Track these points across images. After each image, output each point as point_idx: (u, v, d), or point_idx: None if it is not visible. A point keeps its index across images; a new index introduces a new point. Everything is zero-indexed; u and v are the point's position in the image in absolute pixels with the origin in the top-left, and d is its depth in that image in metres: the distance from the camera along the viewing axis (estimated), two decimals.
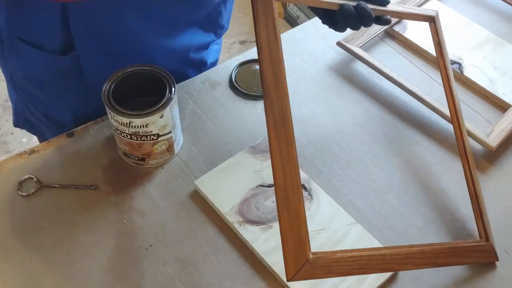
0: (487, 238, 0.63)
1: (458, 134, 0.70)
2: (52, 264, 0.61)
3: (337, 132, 0.76)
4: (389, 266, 0.57)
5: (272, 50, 0.55)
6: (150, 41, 0.73)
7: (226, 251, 0.63)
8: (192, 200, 0.67)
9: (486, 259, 0.63)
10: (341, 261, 0.54)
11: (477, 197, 0.66)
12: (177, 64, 0.80)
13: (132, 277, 0.60)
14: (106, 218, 0.65)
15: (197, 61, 0.83)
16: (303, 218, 0.52)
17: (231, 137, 0.74)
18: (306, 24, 0.91)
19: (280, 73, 0.55)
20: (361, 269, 0.55)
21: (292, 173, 0.53)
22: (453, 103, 0.71)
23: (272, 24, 0.55)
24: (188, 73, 0.83)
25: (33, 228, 0.63)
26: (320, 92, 0.81)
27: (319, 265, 0.53)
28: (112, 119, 0.64)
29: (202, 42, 0.81)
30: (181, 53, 0.79)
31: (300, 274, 0.51)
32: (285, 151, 0.53)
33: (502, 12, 0.96)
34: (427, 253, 0.59)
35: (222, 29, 0.84)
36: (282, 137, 0.54)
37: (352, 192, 0.69)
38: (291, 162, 0.53)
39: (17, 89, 0.81)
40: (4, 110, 1.90)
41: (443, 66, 0.73)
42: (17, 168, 0.69)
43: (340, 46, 0.84)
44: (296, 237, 0.51)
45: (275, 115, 0.54)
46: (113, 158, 0.70)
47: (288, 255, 0.51)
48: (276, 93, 0.54)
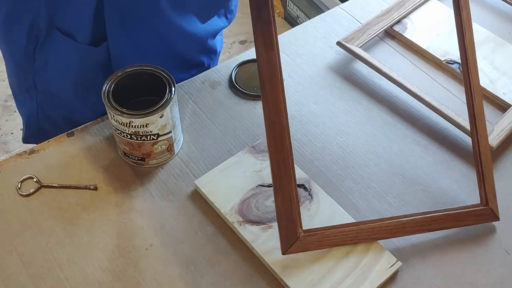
0: (487, 202, 0.63)
1: (467, 82, 0.67)
2: (52, 264, 0.61)
3: (337, 132, 0.76)
4: (379, 236, 0.62)
5: (266, 39, 0.57)
6: (176, 24, 0.75)
7: (226, 251, 0.63)
8: (192, 200, 0.67)
9: (485, 220, 0.63)
10: (331, 236, 0.61)
11: (481, 160, 0.66)
12: (195, 50, 0.82)
13: (132, 277, 0.60)
14: (106, 218, 0.65)
15: (210, 48, 0.85)
16: (295, 203, 0.60)
17: (231, 137, 0.74)
18: (306, 24, 0.91)
19: (274, 65, 0.57)
20: (352, 240, 0.62)
21: (285, 161, 0.59)
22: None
23: (268, 19, 0.57)
24: (203, 60, 0.86)
25: (33, 228, 0.63)
26: (320, 92, 0.81)
27: (310, 241, 0.60)
28: (112, 119, 0.64)
29: (216, 28, 0.83)
30: (200, 39, 0.81)
31: (292, 249, 0.60)
32: (279, 140, 0.59)
33: (502, 12, 0.96)
34: (418, 222, 0.61)
35: (231, 14, 0.86)
36: (276, 127, 0.58)
37: (352, 192, 0.69)
38: (284, 151, 0.59)
39: (37, 95, 0.82)
40: (4, 110, 1.90)
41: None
42: (17, 168, 0.69)
43: (340, 46, 0.84)
44: (288, 218, 0.60)
45: (270, 107, 0.58)
46: (113, 158, 0.71)
47: (282, 233, 0.60)
48: (270, 85, 0.58)
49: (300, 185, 0.67)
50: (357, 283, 0.59)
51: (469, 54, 0.66)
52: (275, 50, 0.57)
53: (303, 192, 0.67)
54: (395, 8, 0.90)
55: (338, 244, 0.61)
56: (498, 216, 0.64)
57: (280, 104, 0.58)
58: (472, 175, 0.72)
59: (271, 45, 0.57)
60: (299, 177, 0.68)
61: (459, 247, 0.65)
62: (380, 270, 0.61)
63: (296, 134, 0.75)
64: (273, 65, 0.57)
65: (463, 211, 0.63)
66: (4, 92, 1.97)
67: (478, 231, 0.66)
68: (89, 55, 0.74)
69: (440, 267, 0.63)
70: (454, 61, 0.85)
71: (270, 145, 0.58)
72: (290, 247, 0.60)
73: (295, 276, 0.60)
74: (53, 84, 0.79)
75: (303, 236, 0.60)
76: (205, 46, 0.83)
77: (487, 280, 0.62)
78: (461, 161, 0.73)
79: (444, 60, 0.85)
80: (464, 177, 0.72)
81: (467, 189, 0.70)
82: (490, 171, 0.66)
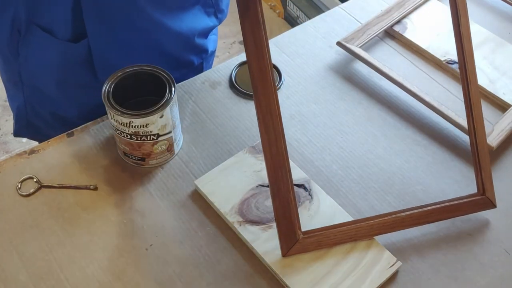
0: (484, 191, 0.64)
1: (463, 74, 0.67)
2: (52, 264, 0.61)
3: (337, 132, 0.76)
4: (378, 231, 0.63)
5: (256, 42, 0.56)
6: (158, 22, 0.74)
7: (226, 251, 0.63)
8: (192, 200, 0.67)
9: (482, 209, 0.64)
10: (330, 236, 0.62)
11: (478, 150, 0.66)
12: (182, 49, 0.82)
13: (132, 277, 0.60)
14: (106, 218, 0.65)
15: (200, 47, 0.85)
16: (293, 206, 0.60)
17: (231, 137, 0.74)
18: (306, 24, 0.91)
19: (265, 68, 0.57)
20: (351, 238, 0.62)
21: (282, 165, 0.59)
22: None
23: (256, 19, 0.56)
24: (192, 59, 0.85)
25: (33, 228, 0.63)
26: (320, 92, 0.81)
27: (309, 242, 0.61)
28: (112, 119, 0.64)
29: (205, 27, 0.83)
30: (186, 37, 0.80)
31: (292, 251, 0.61)
32: (274, 145, 0.59)
33: (502, 12, 0.96)
34: (415, 216, 0.61)
35: (222, 13, 0.85)
36: (271, 131, 0.58)
37: (352, 192, 0.69)
38: (279, 155, 0.59)
39: (24, 89, 0.81)
40: (4, 110, 1.90)
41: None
42: (17, 168, 0.69)
43: (340, 46, 0.84)
44: (287, 222, 0.60)
45: (263, 111, 0.58)
46: (113, 158, 0.71)
47: (281, 236, 0.60)
48: (263, 90, 0.57)
49: (300, 185, 0.67)
50: (357, 283, 0.59)
51: (463, 30, 0.67)
52: (265, 50, 0.56)
53: (303, 192, 0.67)
54: (395, 8, 0.90)
55: (337, 243, 0.62)
56: (495, 204, 0.64)
57: (273, 107, 0.58)
58: (472, 175, 0.72)
59: (260, 43, 0.56)
60: (299, 177, 0.68)
61: (459, 247, 0.65)
62: (380, 270, 0.61)
63: (296, 134, 0.75)
64: (264, 66, 0.57)
65: (460, 202, 0.64)
66: (4, 92, 1.97)
67: (478, 231, 0.66)
68: (68, 52, 0.73)
69: (440, 267, 0.63)
70: (454, 61, 0.85)
71: (266, 149, 0.58)
72: (290, 249, 0.60)
73: (295, 276, 0.60)
74: (37, 79, 0.79)
75: (302, 238, 0.61)
76: (193, 44, 0.83)
77: (487, 280, 0.62)
78: (461, 161, 0.73)
79: (444, 60, 0.85)
80: (464, 177, 0.72)
81: (467, 189, 0.70)
82: (486, 159, 0.66)
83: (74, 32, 0.71)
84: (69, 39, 0.72)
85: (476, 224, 0.67)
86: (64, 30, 0.71)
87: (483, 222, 0.67)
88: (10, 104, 0.89)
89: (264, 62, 0.57)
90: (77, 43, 0.72)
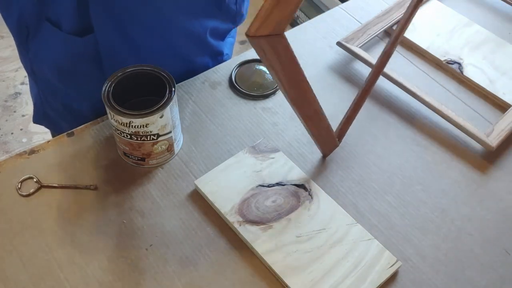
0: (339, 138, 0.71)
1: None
2: (52, 264, 0.61)
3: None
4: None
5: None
6: (169, 19, 0.73)
7: (226, 251, 0.63)
8: (192, 200, 0.67)
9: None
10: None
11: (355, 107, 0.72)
12: (195, 48, 0.80)
13: (132, 277, 0.60)
14: (106, 218, 0.65)
15: (214, 48, 0.83)
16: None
17: (231, 137, 0.74)
18: (306, 24, 0.91)
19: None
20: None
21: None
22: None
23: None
24: (206, 61, 0.84)
25: (33, 228, 0.63)
26: (320, 92, 0.80)
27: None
28: (112, 119, 0.64)
29: (219, 27, 0.81)
30: (198, 36, 0.79)
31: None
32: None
33: (502, 12, 0.96)
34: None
35: (241, 17, 0.84)
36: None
37: (352, 192, 0.69)
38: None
39: (37, 80, 0.82)
40: (4, 110, 1.90)
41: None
42: (17, 168, 0.69)
43: (340, 46, 0.84)
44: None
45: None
46: (113, 158, 0.71)
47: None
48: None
49: (300, 185, 0.67)
50: (357, 283, 0.59)
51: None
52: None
53: (303, 192, 0.67)
54: (395, 8, 0.90)
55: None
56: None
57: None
58: (472, 175, 0.72)
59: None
60: (299, 177, 0.68)
61: (459, 247, 0.65)
62: (380, 270, 0.61)
63: (296, 134, 0.75)
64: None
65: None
66: (4, 92, 1.97)
67: (478, 231, 0.67)
68: (75, 45, 0.73)
69: (440, 267, 0.63)
70: (454, 61, 0.85)
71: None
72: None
73: (295, 276, 0.60)
74: (47, 72, 0.79)
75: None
76: (206, 44, 0.81)
77: (487, 280, 0.62)
78: (461, 161, 0.73)
79: (444, 60, 0.85)
80: (464, 177, 0.72)
81: (467, 189, 0.70)
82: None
83: (81, 26, 0.71)
84: (75, 33, 0.71)
85: (476, 224, 0.67)
86: (70, 23, 0.71)
87: (483, 222, 0.67)
88: (30, 92, 0.90)
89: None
90: (83, 37, 0.71)
